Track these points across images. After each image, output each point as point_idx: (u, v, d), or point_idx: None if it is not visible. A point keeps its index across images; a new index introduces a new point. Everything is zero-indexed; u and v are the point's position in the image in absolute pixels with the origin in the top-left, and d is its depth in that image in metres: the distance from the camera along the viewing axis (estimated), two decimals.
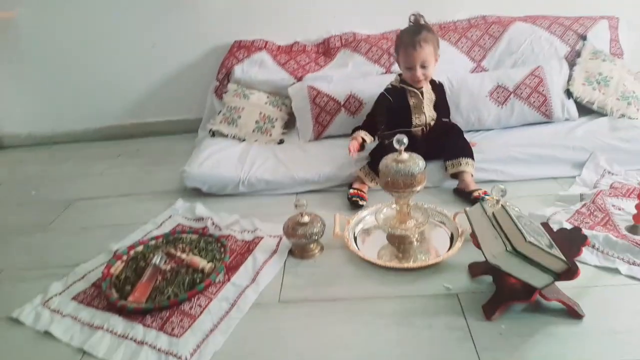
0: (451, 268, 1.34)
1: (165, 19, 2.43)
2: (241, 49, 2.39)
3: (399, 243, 1.48)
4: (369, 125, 1.82)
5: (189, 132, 2.56)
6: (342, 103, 2.10)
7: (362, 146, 1.78)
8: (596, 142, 1.76)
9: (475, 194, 1.62)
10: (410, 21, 1.72)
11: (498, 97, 1.99)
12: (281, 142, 2.19)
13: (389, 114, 1.77)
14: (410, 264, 1.36)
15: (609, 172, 1.69)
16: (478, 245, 1.17)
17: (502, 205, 1.20)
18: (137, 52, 2.51)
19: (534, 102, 1.96)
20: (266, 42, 2.41)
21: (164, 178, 2.10)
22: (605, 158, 1.73)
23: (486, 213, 1.20)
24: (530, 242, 1.05)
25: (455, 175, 1.71)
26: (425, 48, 1.64)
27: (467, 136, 1.85)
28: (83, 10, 2.42)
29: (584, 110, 2.00)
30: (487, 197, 1.57)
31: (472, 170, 1.69)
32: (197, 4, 2.40)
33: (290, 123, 2.28)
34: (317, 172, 1.83)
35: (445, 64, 2.15)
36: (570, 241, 1.13)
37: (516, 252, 1.05)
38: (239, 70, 2.32)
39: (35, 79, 2.59)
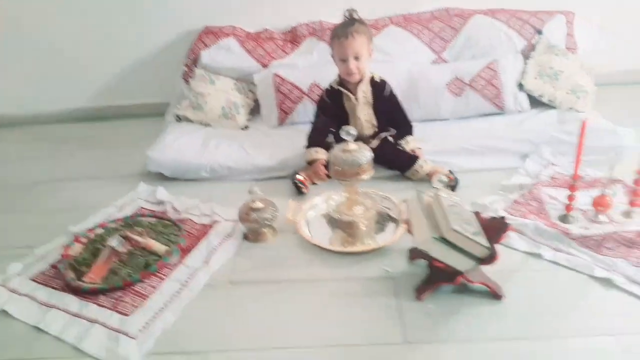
0: (393, 252, 1.43)
1: (138, 1, 2.44)
2: (209, 35, 2.41)
3: (348, 228, 1.56)
4: (318, 135, 1.83)
5: (159, 115, 2.58)
6: (305, 91, 2.15)
7: (326, 165, 1.73)
8: (543, 134, 1.85)
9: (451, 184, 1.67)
10: (345, 16, 1.76)
11: (455, 89, 2.06)
12: (246, 128, 2.24)
13: (329, 118, 1.81)
14: (354, 248, 1.44)
15: (552, 164, 1.78)
16: (411, 232, 1.26)
17: (436, 194, 1.28)
18: (110, 34, 2.51)
19: (488, 94, 2.04)
20: (235, 28, 2.43)
21: (130, 161, 2.12)
22: (550, 150, 1.82)
23: (422, 202, 1.28)
24: (454, 230, 1.13)
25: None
26: (358, 39, 1.67)
27: (421, 128, 1.93)
28: None
29: (537, 102, 2.08)
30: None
31: (430, 164, 1.76)
32: None
33: (255, 109, 2.32)
34: (278, 159, 1.89)
35: (407, 54, 2.25)
36: (495, 229, 1.22)
37: (442, 239, 1.14)
38: (206, 56, 2.35)
39: (3, 60, 2.58)
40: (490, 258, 1.16)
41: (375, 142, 1.83)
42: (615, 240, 1.35)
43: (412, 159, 1.78)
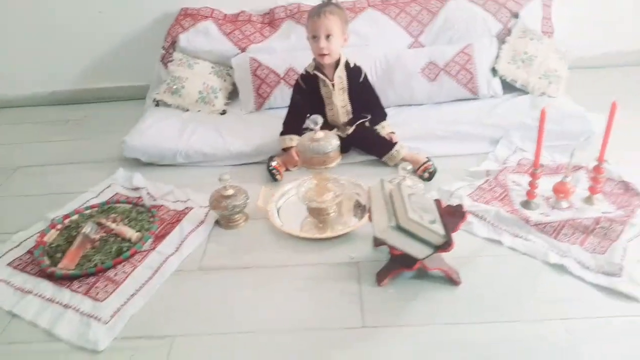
0: (359, 238, 1.47)
1: None
2: (187, 17, 2.40)
3: (318, 215, 1.59)
4: (294, 122, 1.85)
5: (139, 98, 2.58)
6: (282, 76, 2.16)
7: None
8: (512, 120, 1.88)
9: (425, 175, 1.71)
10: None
11: (429, 74, 2.07)
12: (224, 112, 2.25)
13: (305, 104, 1.83)
14: (320, 235, 1.48)
15: (521, 149, 1.81)
16: (371, 220, 1.30)
17: (398, 183, 1.32)
18: (88, 16, 2.49)
19: (462, 79, 2.05)
20: (212, 11, 2.42)
21: (109, 145, 2.14)
22: (520, 135, 1.85)
23: (383, 190, 1.31)
24: (411, 219, 1.17)
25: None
26: (331, 18, 1.67)
27: (395, 113, 1.96)
28: None
29: (512, 86, 2.10)
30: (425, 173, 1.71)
31: (407, 150, 1.79)
32: None
33: (234, 93, 2.33)
34: (253, 145, 1.91)
35: (384, 38, 2.25)
36: (453, 216, 1.26)
37: (399, 228, 1.18)
38: (184, 39, 2.34)
39: None
40: (445, 245, 1.20)
41: (351, 129, 1.85)
42: (573, 227, 1.40)
43: (389, 144, 1.81)
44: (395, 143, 1.80)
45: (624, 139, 1.65)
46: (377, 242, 1.42)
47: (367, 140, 1.85)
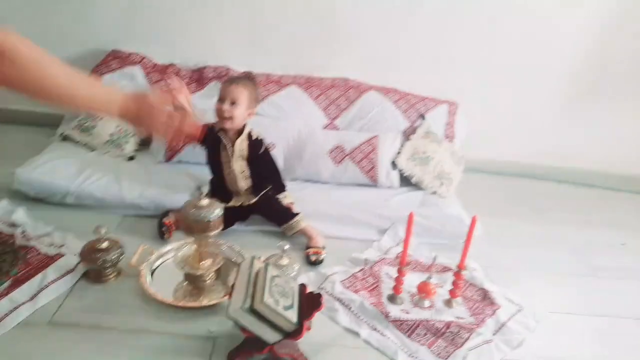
0: (225, 311, 1.47)
1: (50, 11, 2.40)
2: (116, 59, 2.42)
3: (193, 281, 1.58)
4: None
5: (53, 126, 2.52)
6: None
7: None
8: (402, 213, 1.99)
9: (312, 257, 1.76)
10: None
11: (336, 156, 2.19)
12: (132, 158, 2.23)
13: (209, 148, 1.86)
14: (184, 303, 1.47)
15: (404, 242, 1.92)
16: (230, 298, 1.31)
17: (266, 263, 1.36)
18: None
19: (365, 166, 2.18)
20: (143, 58, 2.45)
21: (4, 173, 2.04)
22: (405, 228, 1.96)
23: (251, 268, 1.34)
24: (265, 303, 1.20)
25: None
26: (242, 90, 1.75)
27: (299, 188, 2.05)
28: None
29: (409, 181, 2.25)
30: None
31: (305, 223, 1.85)
32: (83, 2, 2.40)
33: (147, 141, 2.32)
34: (148, 198, 1.90)
35: (303, 114, 2.36)
36: (312, 304, 1.30)
37: (252, 310, 1.20)
38: (108, 79, 2.34)
39: None
40: (296, 333, 1.23)
41: (255, 199, 1.89)
42: (426, 328, 1.48)
43: (290, 214, 1.86)
44: (297, 214, 1.86)
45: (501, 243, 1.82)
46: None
47: (269, 209, 1.90)
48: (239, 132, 1.83)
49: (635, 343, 1.58)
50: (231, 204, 1.84)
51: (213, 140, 1.84)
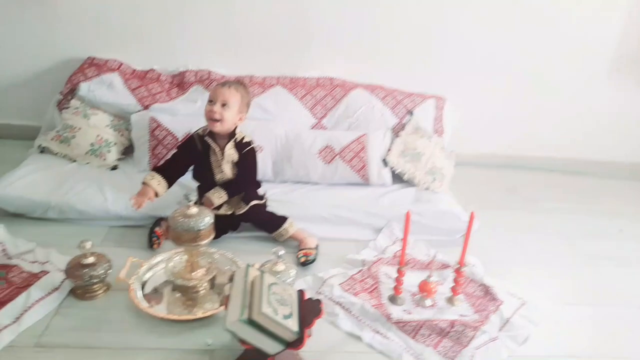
0: (222, 322, 1.41)
1: (25, 18, 2.32)
2: (93, 67, 2.33)
3: (185, 292, 1.52)
4: (172, 167, 1.78)
5: (30, 139, 2.43)
6: (179, 140, 2.12)
7: (156, 194, 1.72)
8: (396, 211, 1.96)
9: (302, 259, 1.72)
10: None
11: (325, 156, 2.14)
12: (115, 168, 2.15)
13: (195, 162, 1.81)
14: (177, 317, 1.41)
15: (400, 241, 1.88)
16: (226, 309, 1.25)
17: (262, 271, 1.30)
18: None
19: (355, 165, 2.14)
20: (121, 64, 2.37)
21: None
22: (401, 227, 1.92)
23: (246, 277, 1.29)
24: (263, 313, 1.15)
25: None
26: (233, 93, 1.71)
27: (289, 190, 2.00)
28: None
29: (401, 178, 2.21)
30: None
31: (295, 227, 1.81)
32: (56, 10, 2.31)
33: (130, 149, 2.25)
34: (133, 209, 1.82)
35: (289, 115, 2.31)
36: (311, 311, 1.25)
37: (250, 322, 1.15)
38: (84, 88, 2.25)
39: None
40: (297, 343, 1.18)
41: (246, 208, 1.83)
42: (430, 328, 1.44)
43: (279, 221, 1.81)
44: (285, 219, 1.81)
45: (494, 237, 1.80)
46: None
47: (258, 216, 1.84)
48: (229, 136, 1.77)
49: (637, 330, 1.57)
50: (221, 212, 1.78)
51: (202, 145, 1.77)
